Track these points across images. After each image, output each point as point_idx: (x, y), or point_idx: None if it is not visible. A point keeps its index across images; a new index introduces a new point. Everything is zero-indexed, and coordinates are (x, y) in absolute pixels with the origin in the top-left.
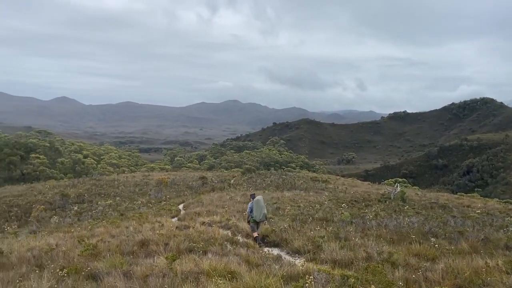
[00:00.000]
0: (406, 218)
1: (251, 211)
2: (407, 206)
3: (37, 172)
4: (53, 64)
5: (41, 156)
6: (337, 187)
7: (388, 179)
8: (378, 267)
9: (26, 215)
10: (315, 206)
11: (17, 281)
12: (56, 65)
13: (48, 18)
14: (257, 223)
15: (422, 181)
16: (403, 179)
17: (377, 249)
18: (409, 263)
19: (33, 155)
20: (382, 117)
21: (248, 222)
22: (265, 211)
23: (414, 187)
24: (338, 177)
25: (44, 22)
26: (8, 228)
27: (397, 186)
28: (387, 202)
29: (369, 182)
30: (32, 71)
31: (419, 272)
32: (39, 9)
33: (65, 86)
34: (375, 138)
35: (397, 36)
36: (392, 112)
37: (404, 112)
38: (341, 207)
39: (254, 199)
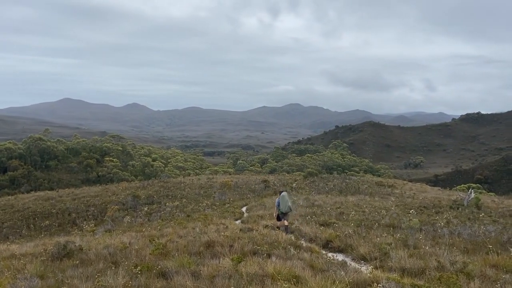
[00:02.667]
0: (482, 226)
1: (279, 205)
2: (482, 214)
3: (111, 174)
4: (125, 72)
5: (114, 159)
6: (404, 193)
7: (460, 185)
8: (452, 277)
9: (101, 214)
10: (381, 211)
11: (96, 276)
12: (127, 74)
13: (120, 29)
14: (284, 214)
15: (499, 187)
16: (477, 184)
17: (450, 258)
18: (486, 274)
19: (107, 158)
20: (453, 119)
21: (277, 216)
22: (290, 204)
23: (490, 193)
24: (405, 182)
25: (117, 33)
26: (86, 226)
27: (471, 192)
28: (460, 209)
29: (440, 188)
30: (106, 79)
31: (497, 284)
32: (112, 21)
33: (135, 93)
34: (445, 141)
35: (470, 32)
36: (464, 113)
37: (478, 113)
38: (409, 213)
39: (280, 195)
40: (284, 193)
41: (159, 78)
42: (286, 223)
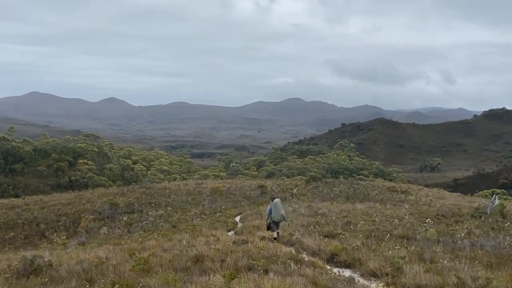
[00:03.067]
0: (508, 238)
1: (271, 212)
2: (508, 223)
3: (85, 179)
4: (101, 62)
5: (89, 162)
6: (420, 199)
7: (483, 190)
8: None
9: (74, 225)
10: (393, 221)
11: None
12: (104, 64)
13: (96, 13)
14: (276, 224)
15: None
16: (502, 190)
17: (472, 274)
18: None
19: (81, 161)
20: (474, 115)
21: (268, 225)
22: (283, 212)
23: None
24: (420, 187)
25: (92, 17)
26: (57, 238)
27: (495, 199)
28: (483, 217)
29: (459, 194)
30: (79, 71)
31: None
32: (86, 3)
33: (113, 86)
34: (466, 141)
35: (493, 17)
36: (487, 109)
37: (503, 109)
38: (425, 222)
39: (273, 202)
40: (277, 200)
41: (140, 69)
42: (275, 234)
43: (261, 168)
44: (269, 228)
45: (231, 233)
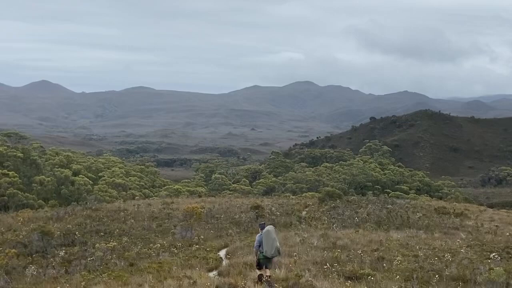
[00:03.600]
0: None
1: (260, 245)
2: None
3: (5, 197)
4: (25, 30)
5: (10, 173)
6: (482, 225)
7: None
8: None
9: None
10: (443, 256)
11: None
12: (29, 32)
13: None
14: (268, 260)
15: None
16: None
17: None
18: None
19: None
20: None
21: (258, 262)
22: (278, 244)
23: None
24: (482, 207)
25: None
26: None
27: None
28: None
29: None
30: None
31: None
32: None
33: (44, 65)
34: None
35: None
36: None
37: None
38: (489, 258)
39: (263, 231)
40: (269, 228)
41: (82, 39)
42: (268, 272)
43: (256, 180)
44: (259, 266)
45: (213, 273)
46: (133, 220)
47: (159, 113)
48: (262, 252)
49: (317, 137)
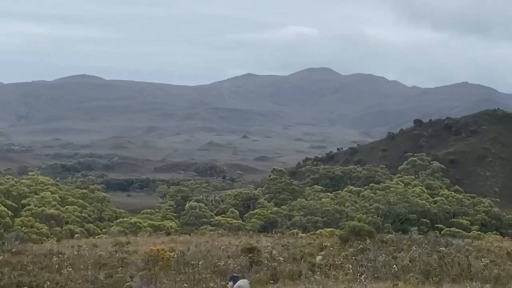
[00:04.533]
0: None
1: None
2: None
3: None
4: None
5: None
6: None
7: None
8: None
9: None
10: None
11: None
12: None
13: None
14: None
15: None
16: None
17: None
18: None
19: None
20: None
21: None
22: None
23: None
24: None
25: None
26: None
27: None
28: None
29: None
30: None
31: None
32: None
33: None
34: None
35: None
36: None
37: None
38: None
39: (235, 286)
40: (242, 284)
41: None
42: None
43: (250, 211)
44: None
45: None
46: (71, 269)
47: (110, 113)
48: None
49: (337, 149)
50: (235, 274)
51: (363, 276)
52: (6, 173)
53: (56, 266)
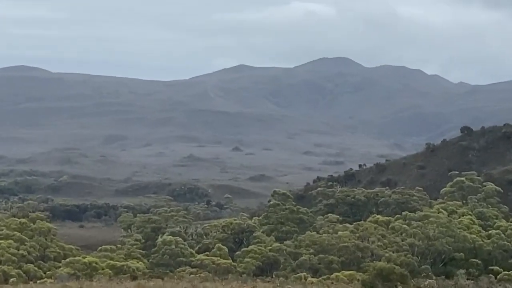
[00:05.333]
0: None
1: None
2: None
3: None
4: None
5: None
6: None
7: None
8: None
9: None
10: None
11: None
12: None
13: None
14: None
15: None
16: None
17: None
18: None
19: None
20: None
21: None
22: None
23: None
24: None
25: None
26: None
27: None
28: None
29: None
30: None
31: None
32: None
33: None
34: None
35: None
36: None
37: None
38: None
39: None
40: None
41: None
42: None
43: (243, 248)
44: None
45: None
46: None
47: (56, 117)
48: None
49: (359, 166)
50: None
51: None
52: None
53: None
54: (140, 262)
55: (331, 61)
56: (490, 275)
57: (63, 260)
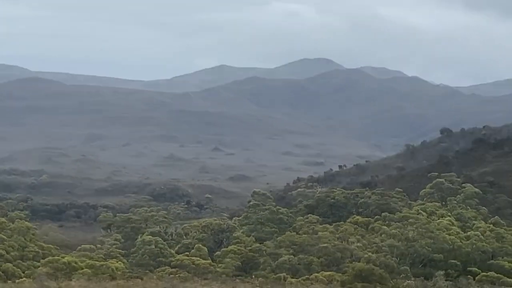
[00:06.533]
0: None
1: None
2: None
3: None
4: None
5: None
6: None
7: None
8: None
9: None
10: None
11: None
12: None
13: None
14: None
15: None
16: None
17: None
18: None
19: None
20: None
21: None
22: None
23: None
24: None
25: None
26: None
27: None
28: None
29: None
30: None
31: None
32: None
33: None
34: None
35: None
36: None
37: None
38: None
39: None
40: None
41: None
42: None
43: (223, 248)
44: None
45: None
46: None
47: (36, 116)
48: None
49: (339, 166)
50: None
51: None
52: None
53: None
54: (120, 262)
55: (311, 62)
56: (469, 276)
57: (42, 260)
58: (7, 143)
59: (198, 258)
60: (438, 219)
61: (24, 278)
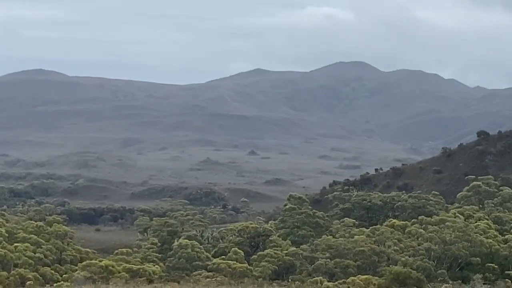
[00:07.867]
0: None
1: None
2: None
3: None
4: None
5: None
6: None
7: None
8: None
9: None
10: None
11: None
12: None
13: None
14: None
15: None
16: None
17: None
18: None
19: None
20: None
21: None
22: None
23: None
24: None
25: None
26: None
27: None
28: None
29: None
30: None
31: None
32: None
33: None
34: None
35: None
36: None
37: None
38: None
39: None
40: None
41: None
42: None
43: (259, 252)
44: None
45: None
46: None
47: (74, 120)
48: None
49: (376, 170)
50: None
51: None
52: None
53: None
54: (156, 266)
55: (348, 65)
56: (507, 279)
57: (79, 263)
58: (45, 148)
59: (235, 262)
60: (476, 222)
61: (62, 282)
